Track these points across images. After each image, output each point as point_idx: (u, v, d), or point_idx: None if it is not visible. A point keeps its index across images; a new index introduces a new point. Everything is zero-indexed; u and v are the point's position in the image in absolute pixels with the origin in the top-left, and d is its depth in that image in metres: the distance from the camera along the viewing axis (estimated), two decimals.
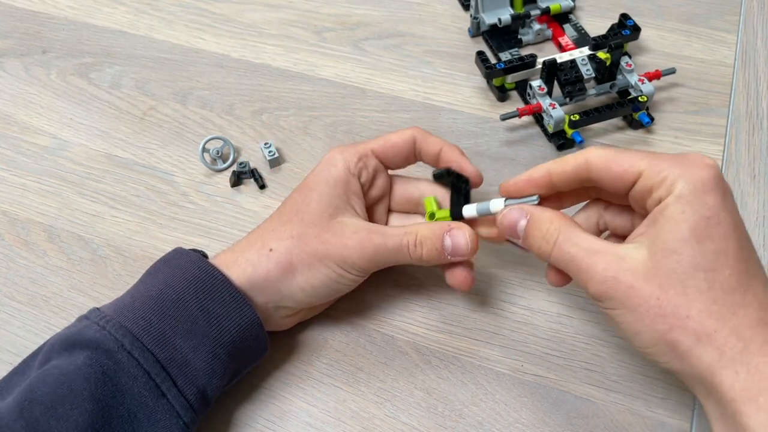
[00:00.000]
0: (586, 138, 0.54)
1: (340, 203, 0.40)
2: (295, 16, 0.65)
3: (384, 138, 0.43)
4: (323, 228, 0.39)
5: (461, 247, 0.39)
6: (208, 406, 0.38)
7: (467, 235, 0.39)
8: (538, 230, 0.35)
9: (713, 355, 0.30)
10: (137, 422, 0.35)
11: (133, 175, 0.54)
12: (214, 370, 0.37)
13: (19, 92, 0.61)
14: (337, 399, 0.42)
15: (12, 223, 0.52)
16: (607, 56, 0.52)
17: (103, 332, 0.36)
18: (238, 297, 0.38)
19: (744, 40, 0.60)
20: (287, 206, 0.42)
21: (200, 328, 0.37)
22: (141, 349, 0.35)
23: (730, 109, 0.55)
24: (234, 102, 0.59)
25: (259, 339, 0.39)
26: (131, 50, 0.63)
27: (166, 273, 0.39)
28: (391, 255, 0.39)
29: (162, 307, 0.37)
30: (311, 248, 0.39)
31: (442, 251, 0.39)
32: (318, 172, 0.42)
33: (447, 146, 0.42)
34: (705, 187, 0.31)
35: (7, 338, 0.46)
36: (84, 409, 0.33)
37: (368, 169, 0.42)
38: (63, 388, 0.34)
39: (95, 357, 0.35)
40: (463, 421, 0.41)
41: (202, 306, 0.37)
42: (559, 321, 0.44)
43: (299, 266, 0.39)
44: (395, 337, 0.45)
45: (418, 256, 0.39)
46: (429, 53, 0.61)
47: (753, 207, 0.49)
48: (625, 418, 0.40)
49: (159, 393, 0.35)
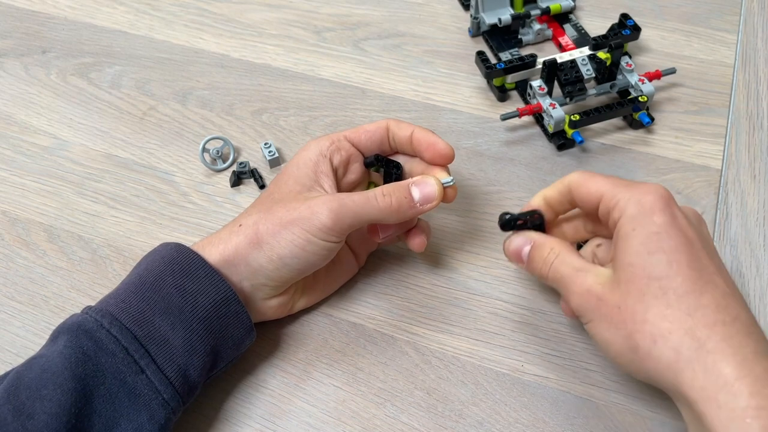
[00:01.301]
0: (586, 138, 0.54)
1: (309, 182, 0.41)
2: (295, 16, 0.65)
3: (359, 126, 0.44)
4: (289, 201, 0.40)
5: (431, 193, 0.40)
6: (194, 390, 0.38)
7: (433, 181, 0.41)
8: (540, 254, 0.38)
9: (670, 355, 0.32)
10: (118, 401, 0.35)
11: (133, 175, 0.54)
12: (194, 347, 0.38)
13: (19, 92, 0.61)
14: (337, 399, 0.42)
15: (12, 223, 0.52)
16: (607, 56, 0.52)
17: (85, 316, 0.37)
18: (211, 273, 0.39)
19: (744, 40, 0.60)
20: (263, 193, 0.44)
21: (176, 305, 0.38)
22: (119, 327, 0.36)
23: (730, 109, 0.55)
24: (234, 102, 0.59)
25: (239, 316, 0.39)
26: (131, 50, 0.63)
27: (147, 260, 0.40)
28: (358, 208, 0.39)
29: (141, 289, 0.38)
30: (277, 217, 0.40)
31: (411, 199, 0.40)
32: (293, 159, 0.43)
33: (418, 129, 0.43)
34: (652, 208, 0.34)
35: (7, 338, 0.46)
36: (66, 388, 0.34)
37: (341, 153, 0.43)
38: (47, 373, 0.35)
39: (75, 339, 0.36)
40: (463, 421, 0.41)
41: (178, 284, 0.38)
42: (559, 321, 0.44)
43: (265, 236, 0.39)
44: (395, 337, 0.45)
45: (387, 203, 0.40)
46: (429, 53, 0.61)
47: (753, 207, 0.49)
48: (625, 418, 0.40)
49: (138, 368, 0.36)
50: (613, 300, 0.34)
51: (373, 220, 0.40)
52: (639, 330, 0.33)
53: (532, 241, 0.39)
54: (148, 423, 0.36)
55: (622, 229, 0.35)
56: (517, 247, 0.40)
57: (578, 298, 0.36)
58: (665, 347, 0.32)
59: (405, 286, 0.47)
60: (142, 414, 0.36)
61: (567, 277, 0.37)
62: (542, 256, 0.38)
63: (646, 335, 0.33)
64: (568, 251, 0.38)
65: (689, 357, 0.31)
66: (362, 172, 0.45)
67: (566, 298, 0.37)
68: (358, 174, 0.44)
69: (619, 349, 0.34)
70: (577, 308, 0.36)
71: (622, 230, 0.35)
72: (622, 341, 0.34)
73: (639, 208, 0.35)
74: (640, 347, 0.33)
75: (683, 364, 0.31)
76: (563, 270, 0.37)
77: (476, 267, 0.47)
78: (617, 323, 0.34)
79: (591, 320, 0.35)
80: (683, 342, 0.32)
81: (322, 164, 0.42)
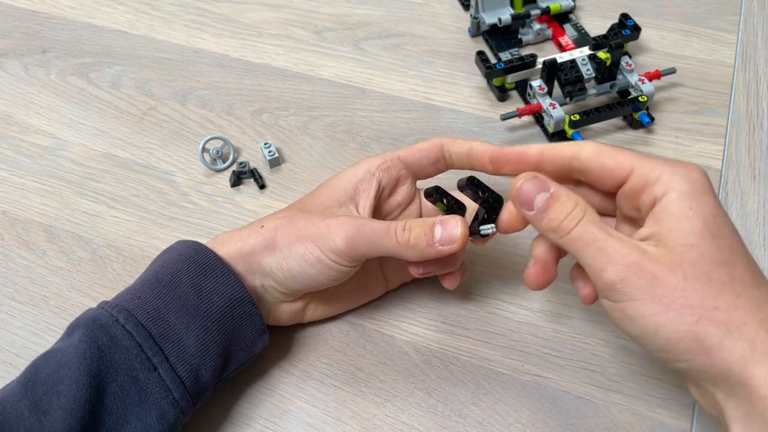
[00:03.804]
0: (586, 138, 0.53)
1: (344, 198, 0.41)
2: (295, 16, 0.65)
3: (412, 146, 0.42)
4: (315, 213, 0.40)
5: (452, 235, 0.36)
6: (204, 392, 0.38)
7: (459, 222, 0.37)
8: (563, 206, 0.33)
9: (745, 348, 0.29)
10: (129, 399, 0.35)
11: (133, 175, 0.54)
12: (207, 347, 0.37)
13: (19, 92, 0.61)
14: (337, 399, 0.42)
15: (12, 223, 0.52)
16: (607, 56, 0.52)
17: (101, 311, 0.37)
18: (227, 272, 0.39)
19: (744, 39, 0.60)
20: (300, 198, 0.43)
21: (192, 304, 0.38)
22: (134, 323, 0.36)
23: (730, 109, 0.55)
24: (234, 102, 0.59)
25: (252, 318, 0.39)
26: (131, 50, 0.63)
27: (164, 258, 0.40)
28: (375, 238, 0.37)
29: (157, 286, 0.38)
30: (296, 227, 0.39)
31: (431, 237, 0.37)
32: (340, 172, 0.42)
33: (476, 144, 0.40)
34: (702, 187, 0.32)
35: (7, 338, 0.46)
36: (81, 383, 0.34)
37: (390, 173, 0.41)
38: (64, 368, 0.35)
39: (90, 333, 0.36)
40: (463, 421, 0.41)
41: (195, 283, 0.38)
42: (559, 321, 0.44)
43: (280, 244, 0.39)
44: (395, 337, 0.45)
45: (405, 240, 0.37)
46: (429, 53, 0.61)
47: (753, 207, 0.49)
48: (625, 419, 0.40)
49: (150, 366, 0.36)
50: (674, 281, 0.30)
51: (390, 254, 0.38)
52: (710, 317, 0.30)
53: (551, 188, 0.34)
54: (157, 423, 0.36)
55: (675, 206, 0.31)
56: (530, 191, 0.34)
57: (623, 270, 0.31)
58: (740, 339, 0.29)
59: (405, 286, 0.47)
60: (152, 413, 0.36)
61: (604, 243, 0.32)
62: (566, 209, 0.33)
63: (719, 323, 0.30)
64: (596, 213, 0.33)
65: (765, 351, 0.29)
66: (410, 194, 0.43)
67: (598, 266, 0.32)
68: (404, 196, 0.43)
69: (675, 335, 0.30)
70: (617, 282, 0.31)
71: (676, 207, 0.31)
72: (682, 329, 0.30)
73: (691, 186, 0.32)
74: (709, 336, 0.30)
75: (758, 357, 0.29)
76: (597, 233, 0.32)
77: (476, 267, 0.47)
78: (680, 308, 0.30)
79: (636, 299, 0.31)
80: (759, 335, 0.29)
81: (367, 182, 0.41)
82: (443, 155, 0.42)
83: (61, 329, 0.39)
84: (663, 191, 0.32)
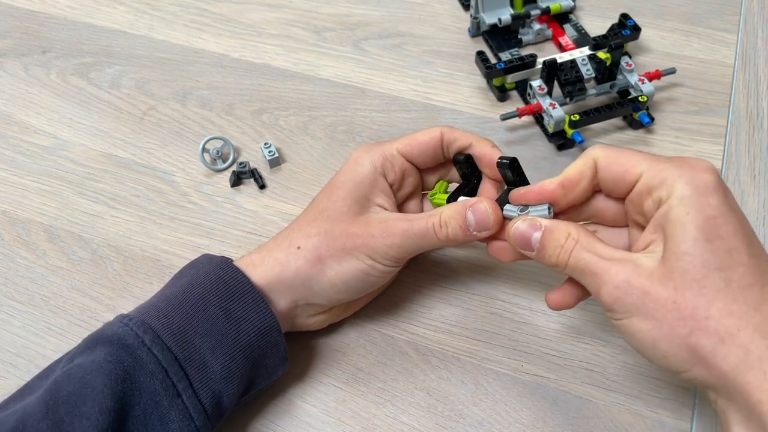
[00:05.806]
0: (586, 138, 0.53)
1: (366, 202, 0.40)
2: (295, 16, 0.65)
3: (410, 137, 0.42)
4: (349, 224, 0.39)
5: (484, 220, 0.37)
6: (222, 416, 0.38)
7: (488, 207, 0.37)
8: (555, 241, 0.34)
9: (738, 355, 0.29)
10: (150, 424, 0.35)
11: (133, 175, 0.54)
12: (231, 375, 0.37)
13: (19, 92, 0.61)
14: (337, 399, 0.42)
15: (12, 223, 0.52)
16: (607, 56, 0.52)
17: (125, 328, 0.36)
18: (258, 299, 0.38)
19: (744, 39, 0.60)
20: (313, 206, 0.42)
21: (220, 329, 0.37)
22: (161, 347, 0.35)
23: (730, 109, 0.55)
24: (234, 102, 0.59)
25: (277, 346, 0.39)
26: (131, 50, 0.63)
27: (191, 275, 0.39)
28: (419, 239, 0.38)
29: (184, 306, 0.37)
30: (339, 243, 0.39)
31: (467, 228, 0.37)
32: (344, 171, 0.41)
33: (478, 140, 0.41)
34: (706, 188, 0.31)
35: (7, 338, 0.46)
36: (105, 407, 0.33)
37: (395, 169, 0.41)
38: (87, 388, 0.34)
39: (116, 353, 0.35)
40: (463, 421, 0.41)
41: (224, 306, 0.37)
42: (559, 321, 0.44)
43: (328, 261, 0.39)
44: (395, 337, 0.45)
45: (444, 236, 0.38)
46: (429, 53, 0.61)
47: (753, 207, 0.49)
48: (625, 418, 0.40)
49: (174, 392, 0.35)
50: (664, 294, 0.30)
51: (435, 248, 0.39)
52: (702, 328, 0.29)
53: (542, 226, 0.35)
54: None
55: (673, 212, 0.31)
56: (525, 233, 0.35)
57: (614, 290, 0.32)
58: (733, 346, 0.29)
59: (405, 286, 0.47)
60: None
61: (595, 267, 0.33)
62: (558, 242, 0.34)
63: (710, 333, 0.29)
64: (589, 236, 0.34)
65: (759, 356, 0.29)
66: (416, 184, 0.43)
67: (595, 290, 0.33)
68: (412, 186, 0.43)
69: (671, 348, 0.30)
70: (611, 303, 0.32)
71: (673, 213, 0.31)
72: (677, 342, 0.30)
73: (692, 189, 0.31)
74: (702, 347, 0.30)
75: (752, 363, 0.29)
76: (588, 258, 0.33)
77: (476, 267, 0.47)
78: (672, 321, 0.30)
79: (631, 316, 0.31)
80: (753, 341, 0.29)
81: (380, 182, 0.41)
82: (442, 149, 0.42)
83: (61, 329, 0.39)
84: (665, 196, 0.32)
